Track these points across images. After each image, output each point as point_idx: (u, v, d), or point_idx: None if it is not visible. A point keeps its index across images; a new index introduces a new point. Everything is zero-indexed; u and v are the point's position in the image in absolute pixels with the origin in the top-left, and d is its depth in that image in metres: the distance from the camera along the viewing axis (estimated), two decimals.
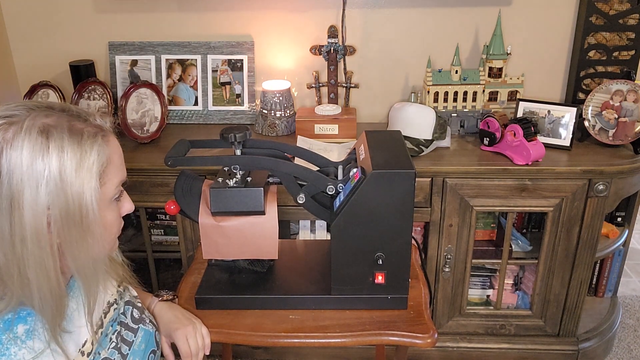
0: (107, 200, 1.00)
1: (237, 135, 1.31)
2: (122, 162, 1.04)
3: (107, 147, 0.98)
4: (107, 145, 0.98)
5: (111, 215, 1.03)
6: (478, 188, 2.01)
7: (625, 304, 2.75)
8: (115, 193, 1.02)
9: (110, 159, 0.99)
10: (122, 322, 1.15)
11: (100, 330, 1.08)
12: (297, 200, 1.34)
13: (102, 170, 0.96)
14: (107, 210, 1.01)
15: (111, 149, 1.00)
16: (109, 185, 0.99)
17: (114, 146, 1.01)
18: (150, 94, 2.23)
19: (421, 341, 1.31)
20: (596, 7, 2.15)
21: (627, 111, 2.04)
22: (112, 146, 1.00)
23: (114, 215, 1.04)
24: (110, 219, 1.02)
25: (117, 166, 1.01)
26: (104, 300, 1.13)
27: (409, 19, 2.28)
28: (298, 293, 1.41)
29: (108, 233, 1.03)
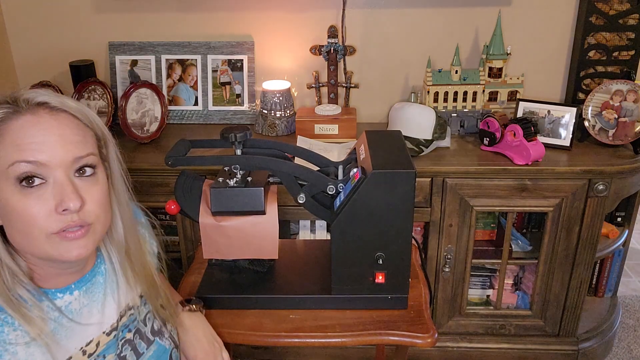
0: (8, 181, 0.89)
1: (238, 135, 1.31)
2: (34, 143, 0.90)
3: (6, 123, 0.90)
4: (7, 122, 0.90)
5: (21, 201, 0.90)
6: (478, 188, 2.01)
7: (625, 304, 2.75)
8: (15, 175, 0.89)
9: (3, 135, 0.90)
10: (139, 329, 1.12)
11: (114, 333, 1.06)
12: (298, 200, 1.34)
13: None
14: (13, 195, 0.90)
15: (13, 124, 0.90)
16: (3, 165, 0.89)
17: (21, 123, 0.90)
18: (150, 94, 2.24)
19: (421, 341, 1.31)
20: (596, 7, 2.15)
21: (627, 111, 2.04)
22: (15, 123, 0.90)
23: (21, 202, 0.90)
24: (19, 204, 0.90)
25: (17, 144, 0.89)
26: (123, 302, 1.10)
27: (409, 19, 2.29)
28: (298, 293, 1.41)
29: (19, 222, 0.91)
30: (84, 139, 0.96)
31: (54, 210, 0.91)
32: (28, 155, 0.89)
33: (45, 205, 0.91)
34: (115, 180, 1.05)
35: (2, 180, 0.90)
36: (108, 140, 1.03)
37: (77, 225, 0.93)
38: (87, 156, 0.95)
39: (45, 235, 0.91)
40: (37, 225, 0.90)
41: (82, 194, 0.94)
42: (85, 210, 0.94)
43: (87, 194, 0.95)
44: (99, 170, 0.99)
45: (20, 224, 0.91)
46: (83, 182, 0.95)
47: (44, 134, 0.91)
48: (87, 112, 0.98)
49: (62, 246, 0.93)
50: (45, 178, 0.91)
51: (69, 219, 0.92)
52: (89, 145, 0.96)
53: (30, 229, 0.91)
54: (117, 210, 1.06)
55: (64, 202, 0.91)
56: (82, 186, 0.94)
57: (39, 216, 0.90)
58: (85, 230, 0.94)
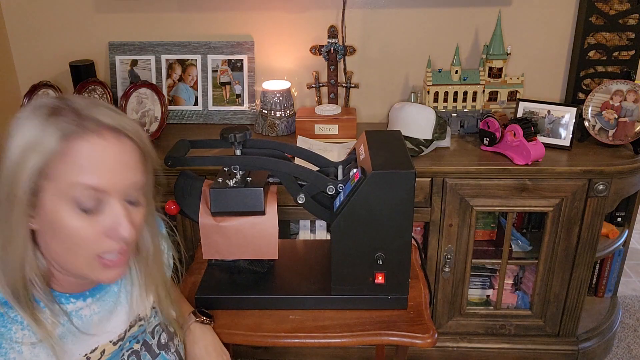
0: (62, 199, 0.88)
1: (237, 136, 1.31)
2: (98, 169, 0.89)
3: (70, 142, 0.87)
4: (72, 141, 0.87)
5: (73, 222, 0.89)
6: (478, 188, 2.01)
7: (625, 304, 2.75)
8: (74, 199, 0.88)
9: (67, 153, 0.87)
10: (146, 342, 1.12)
11: (120, 343, 1.06)
12: (297, 201, 1.34)
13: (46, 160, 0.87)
14: (67, 214, 0.89)
15: (77, 146, 0.88)
16: (58, 183, 0.87)
17: (87, 146, 0.88)
18: (150, 94, 2.23)
19: (421, 341, 1.31)
20: (596, 7, 2.15)
21: (627, 111, 2.04)
22: (81, 144, 0.88)
23: (76, 225, 0.89)
24: (71, 225, 0.89)
25: (79, 167, 0.88)
26: (134, 312, 1.10)
27: (409, 19, 2.28)
28: (298, 293, 1.41)
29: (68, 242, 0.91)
30: (139, 163, 0.96)
31: (104, 234, 0.92)
32: (90, 179, 0.89)
33: (96, 228, 0.91)
34: (149, 200, 1.05)
35: (58, 198, 0.88)
36: (150, 154, 1.01)
37: (121, 250, 0.94)
38: (140, 182, 0.96)
39: (90, 257, 0.93)
40: (84, 246, 0.91)
41: (132, 220, 0.94)
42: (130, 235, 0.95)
43: (134, 220, 0.96)
44: (142, 195, 0.99)
45: (66, 241, 0.91)
46: (132, 208, 0.96)
47: (108, 159, 0.91)
48: (140, 131, 0.97)
49: (99, 270, 0.95)
50: (102, 202, 0.91)
51: (115, 244, 0.93)
52: (143, 169, 0.97)
53: (75, 248, 0.91)
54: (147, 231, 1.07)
55: (118, 230, 0.92)
56: (130, 212, 0.95)
57: (88, 239, 0.91)
58: (123, 257, 0.96)
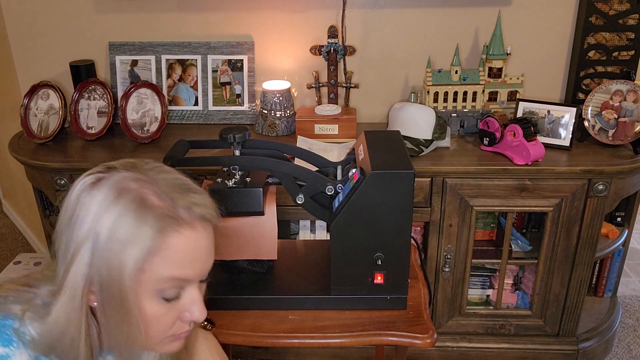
0: (150, 290, 0.87)
1: (236, 136, 1.31)
2: (187, 259, 0.89)
3: (166, 235, 0.86)
4: (168, 234, 0.86)
5: (153, 309, 0.88)
6: (478, 188, 2.01)
7: (625, 304, 2.75)
8: (162, 289, 0.88)
9: (162, 248, 0.86)
10: None
11: None
12: (297, 201, 1.35)
13: (144, 255, 0.85)
14: (149, 302, 0.88)
15: (173, 240, 0.86)
16: (151, 275, 0.86)
17: (182, 239, 0.87)
18: (151, 94, 2.24)
19: (420, 341, 1.31)
20: (596, 7, 2.15)
21: (626, 111, 2.04)
22: (176, 238, 0.87)
23: (158, 311, 0.89)
24: (151, 313, 0.88)
25: (174, 260, 0.87)
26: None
27: (409, 19, 2.29)
28: (297, 293, 1.41)
29: (147, 325, 0.89)
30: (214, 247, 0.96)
31: (179, 318, 0.92)
32: (180, 273, 0.89)
33: (173, 314, 0.91)
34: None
35: (144, 286, 0.87)
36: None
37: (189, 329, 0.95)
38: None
39: (162, 338, 0.92)
40: (159, 330, 0.91)
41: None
42: None
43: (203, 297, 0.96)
44: None
45: (141, 324, 0.88)
46: (202, 285, 0.96)
47: (198, 251, 0.91)
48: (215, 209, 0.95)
49: (168, 344, 0.94)
50: (182, 289, 0.91)
51: (187, 325, 0.94)
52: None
53: (147, 331, 0.89)
54: None
55: (194, 314, 0.93)
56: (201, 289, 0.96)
57: (165, 324, 0.91)
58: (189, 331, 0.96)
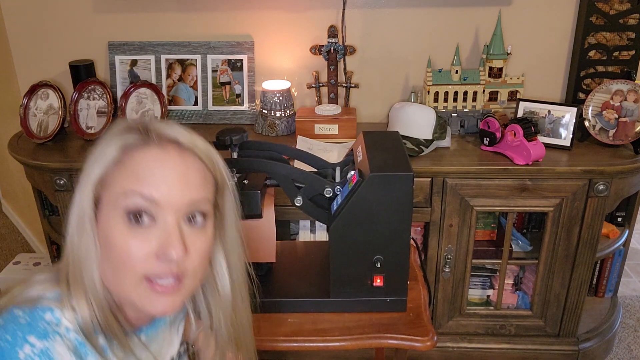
0: (117, 209, 0.84)
1: (234, 138, 1.31)
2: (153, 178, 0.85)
3: (132, 150, 0.85)
4: (134, 150, 0.86)
5: (121, 231, 0.84)
6: (478, 188, 2.01)
7: (626, 304, 2.74)
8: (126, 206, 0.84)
9: (124, 161, 0.85)
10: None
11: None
12: (295, 203, 1.34)
13: (107, 170, 0.85)
14: (117, 223, 0.84)
15: (138, 155, 0.86)
16: (114, 189, 0.85)
17: (148, 155, 0.86)
18: (150, 94, 2.24)
19: (420, 344, 1.31)
20: (596, 7, 2.14)
21: (627, 111, 2.04)
22: (143, 153, 0.86)
23: (128, 235, 0.84)
24: (120, 237, 0.84)
25: (135, 175, 0.84)
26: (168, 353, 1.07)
27: (409, 19, 2.28)
28: (296, 296, 1.41)
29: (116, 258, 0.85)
30: (204, 183, 0.90)
31: (154, 254, 0.84)
32: (145, 189, 0.83)
33: (146, 247, 0.84)
34: (228, 230, 0.98)
35: (112, 209, 0.84)
36: (227, 187, 0.96)
37: (172, 276, 0.86)
38: (203, 200, 0.89)
39: (137, 279, 0.85)
40: (131, 265, 0.84)
41: (187, 244, 0.86)
42: (185, 261, 0.86)
43: (192, 244, 0.87)
44: (209, 221, 0.91)
45: (115, 258, 0.84)
46: (191, 230, 0.88)
47: (167, 171, 0.86)
48: (213, 155, 0.93)
49: (149, 298, 0.86)
50: (155, 218, 0.85)
51: (166, 266, 0.85)
52: (207, 190, 0.90)
53: (123, 266, 0.84)
54: (224, 264, 1.00)
55: (167, 249, 0.84)
56: (189, 234, 0.87)
57: (136, 256, 0.84)
58: (176, 285, 0.87)
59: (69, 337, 0.82)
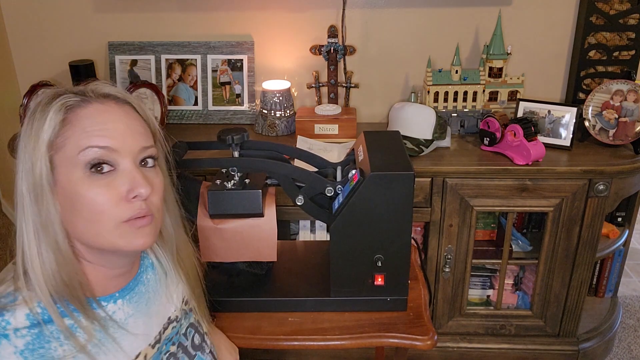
0: (75, 168, 0.88)
1: (235, 137, 1.30)
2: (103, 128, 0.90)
3: (75, 108, 0.90)
4: (76, 107, 0.90)
5: (88, 188, 0.88)
6: (478, 188, 2.01)
7: (626, 304, 2.74)
8: (85, 161, 0.88)
9: (71, 120, 0.89)
10: (181, 343, 1.11)
11: (157, 346, 1.04)
12: (296, 202, 1.34)
13: (56, 130, 0.88)
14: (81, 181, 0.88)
15: (84, 110, 0.90)
16: (68, 149, 0.88)
17: (90, 110, 0.90)
18: (150, 93, 2.24)
19: (421, 343, 1.31)
20: (596, 7, 2.14)
21: (627, 111, 2.04)
22: (88, 109, 0.90)
23: (95, 190, 0.88)
24: (85, 192, 0.88)
25: (87, 130, 0.89)
26: (164, 314, 1.09)
27: (409, 19, 2.28)
28: (297, 295, 1.40)
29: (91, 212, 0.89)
30: (146, 131, 0.97)
31: (124, 198, 0.90)
32: (99, 141, 0.89)
33: (114, 193, 0.89)
34: (164, 178, 1.04)
35: (71, 167, 0.88)
36: (159, 138, 1.03)
37: (144, 213, 0.92)
38: (151, 147, 0.96)
39: (115, 224, 0.90)
40: (106, 213, 0.89)
41: (149, 183, 0.94)
42: (150, 200, 0.94)
43: (152, 182, 0.95)
44: (157, 163, 0.99)
45: (88, 212, 0.89)
46: (147, 172, 0.95)
47: (114, 121, 0.91)
48: (144, 108, 1.00)
49: (131, 234, 0.92)
50: (115, 165, 0.90)
51: (137, 206, 0.91)
52: (150, 137, 0.98)
53: (99, 217, 0.89)
54: (165, 209, 1.06)
55: (135, 189, 0.90)
56: (147, 175, 0.94)
57: (109, 204, 0.89)
58: (150, 218, 0.94)
59: (18, 337, 0.85)
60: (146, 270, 1.09)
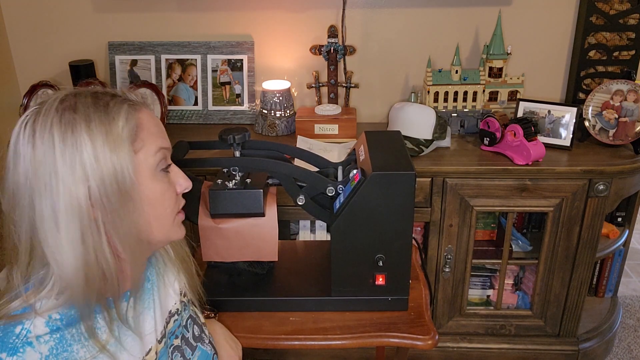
0: (148, 168, 0.93)
1: (236, 137, 1.30)
2: (159, 130, 0.97)
3: (135, 112, 0.92)
4: (135, 112, 0.92)
5: (157, 187, 0.94)
6: (478, 188, 2.01)
7: (626, 304, 2.74)
8: (157, 161, 0.94)
9: (141, 124, 0.93)
10: (183, 336, 1.12)
11: (164, 340, 1.06)
12: (297, 202, 1.34)
13: (133, 134, 0.90)
14: (151, 181, 0.93)
15: (142, 114, 0.94)
16: (146, 151, 0.92)
17: (146, 114, 0.95)
18: (150, 94, 2.23)
19: (422, 343, 1.31)
20: (596, 7, 2.14)
21: (627, 111, 2.04)
22: (143, 113, 0.94)
23: (162, 187, 0.95)
24: (156, 191, 0.94)
25: (153, 132, 0.94)
26: (166, 308, 1.11)
27: (409, 19, 2.28)
28: (298, 295, 1.41)
29: (157, 208, 0.95)
30: None
31: (178, 193, 1.01)
32: (163, 142, 0.97)
33: (172, 190, 0.99)
34: None
35: (145, 168, 0.93)
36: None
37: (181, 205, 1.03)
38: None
39: (173, 217, 1.00)
40: (170, 208, 0.98)
41: None
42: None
43: None
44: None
45: (157, 208, 0.96)
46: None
47: (159, 125, 0.99)
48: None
49: (178, 226, 1.02)
50: (170, 164, 0.99)
51: (181, 199, 1.03)
52: None
53: (165, 212, 0.97)
54: None
55: (186, 185, 1.01)
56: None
57: (172, 199, 0.98)
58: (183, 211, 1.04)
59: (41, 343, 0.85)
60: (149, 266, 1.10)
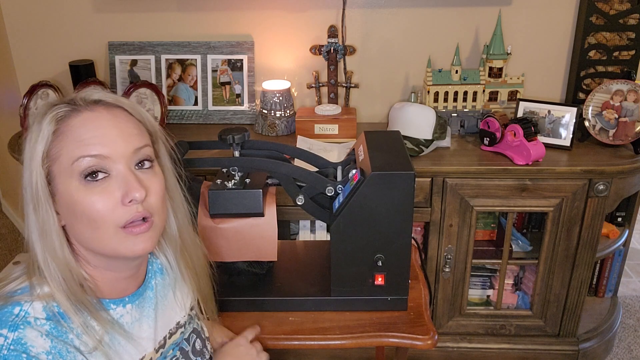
0: (73, 178, 0.89)
1: (236, 137, 1.30)
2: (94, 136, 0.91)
3: (66, 120, 0.91)
4: (67, 119, 0.91)
5: (86, 197, 0.89)
6: (478, 188, 2.01)
7: (626, 304, 2.74)
8: (80, 170, 0.89)
9: (65, 131, 0.90)
10: (183, 349, 1.11)
11: (162, 351, 1.05)
12: (296, 202, 1.34)
13: (48, 144, 0.90)
14: (77, 190, 0.90)
15: (72, 120, 0.91)
16: (64, 160, 0.89)
17: (80, 119, 0.91)
18: (150, 93, 2.23)
19: (421, 342, 1.31)
20: (596, 7, 2.14)
21: (627, 111, 2.04)
22: (75, 119, 0.91)
23: (92, 198, 0.89)
24: (83, 201, 0.89)
25: (80, 140, 0.90)
26: (173, 319, 1.11)
27: (409, 19, 2.28)
28: (297, 295, 1.41)
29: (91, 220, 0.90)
30: (140, 132, 0.97)
31: (120, 203, 0.91)
32: (91, 149, 0.90)
33: (110, 199, 0.90)
34: (168, 176, 1.04)
35: (66, 177, 0.90)
36: (159, 136, 1.04)
37: (141, 216, 0.93)
38: (145, 147, 0.96)
39: (113, 230, 0.91)
40: (104, 219, 0.90)
41: (145, 185, 0.94)
42: (147, 201, 0.94)
43: (149, 185, 0.95)
44: (156, 164, 0.99)
45: (87, 220, 0.90)
46: (143, 174, 0.95)
47: (104, 128, 0.92)
48: (139, 108, 1.00)
49: (129, 241, 0.93)
50: (108, 171, 0.91)
51: (134, 210, 0.92)
52: (145, 138, 0.97)
53: (97, 224, 0.90)
54: (170, 207, 1.06)
55: (130, 193, 0.91)
56: (143, 178, 0.94)
57: (106, 209, 0.90)
58: (149, 224, 0.94)
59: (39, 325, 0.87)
60: (154, 275, 1.10)
